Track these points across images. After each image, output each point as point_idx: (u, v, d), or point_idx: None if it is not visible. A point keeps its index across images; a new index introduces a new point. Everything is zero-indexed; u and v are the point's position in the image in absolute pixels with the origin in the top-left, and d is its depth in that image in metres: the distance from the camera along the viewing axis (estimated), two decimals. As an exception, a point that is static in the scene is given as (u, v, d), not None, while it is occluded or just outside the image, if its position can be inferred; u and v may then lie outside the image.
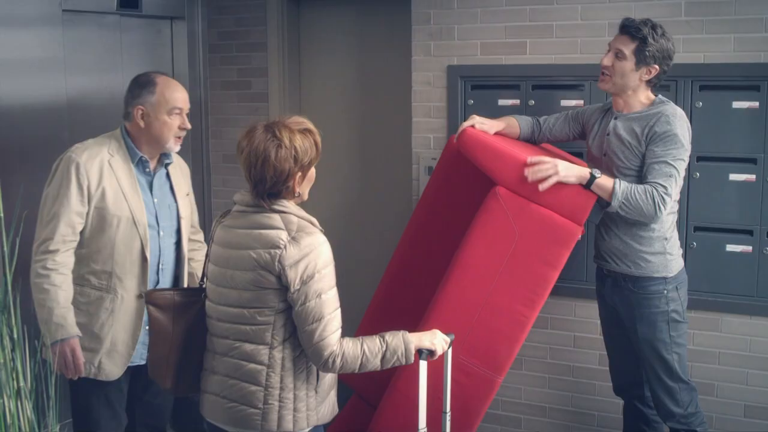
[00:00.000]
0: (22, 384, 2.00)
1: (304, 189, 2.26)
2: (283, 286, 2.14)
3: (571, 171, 2.72)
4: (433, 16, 3.72)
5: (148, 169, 2.75)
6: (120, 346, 2.69)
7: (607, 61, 2.84)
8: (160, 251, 2.76)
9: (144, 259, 2.69)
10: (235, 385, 2.23)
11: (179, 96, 2.70)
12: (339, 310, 2.19)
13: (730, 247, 3.29)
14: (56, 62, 3.56)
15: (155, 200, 2.76)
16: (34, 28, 3.50)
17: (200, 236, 3.07)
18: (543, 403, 3.72)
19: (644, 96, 2.87)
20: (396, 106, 4.13)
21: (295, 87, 4.45)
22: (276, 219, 2.17)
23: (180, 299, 2.39)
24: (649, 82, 2.85)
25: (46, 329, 2.54)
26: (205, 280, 2.36)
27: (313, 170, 2.26)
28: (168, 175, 2.83)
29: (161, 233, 2.76)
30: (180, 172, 2.92)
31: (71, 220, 2.59)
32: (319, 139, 2.23)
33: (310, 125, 2.23)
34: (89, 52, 3.85)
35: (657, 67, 2.80)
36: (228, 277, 2.21)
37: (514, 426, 3.77)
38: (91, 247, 2.65)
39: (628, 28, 2.80)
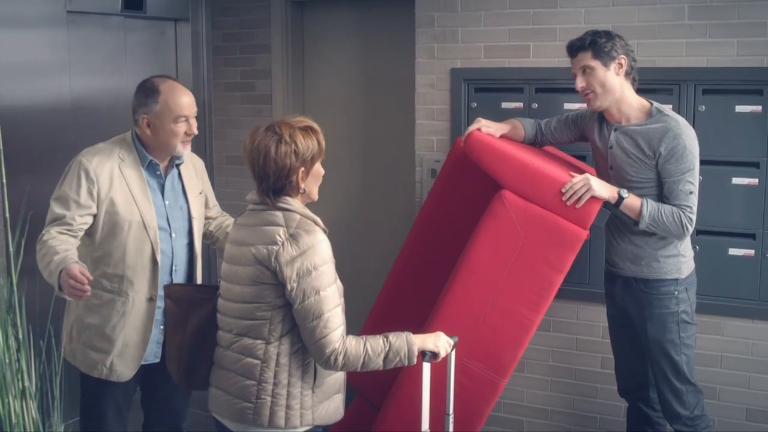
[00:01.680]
0: (27, 384, 2.01)
1: (310, 186, 2.27)
2: (279, 283, 2.16)
3: (603, 187, 2.75)
4: (436, 18, 3.73)
5: (158, 172, 2.75)
6: (131, 347, 2.71)
7: (580, 82, 2.84)
8: (173, 253, 2.76)
9: (155, 262, 2.70)
10: (232, 378, 2.26)
11: (184, 103, 2.66)
12: (339, 307, 2.20)
13: (732, 251, 3.29)
14: (61, 63, 3.57)
15: (166, 202, 2.76)
16: (38, 29, 3.51)
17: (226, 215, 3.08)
18: (545, 405, 3.72)
19: (636, 102, 2.85)
20: (399, 108, 4.14)
21: (299, 89, 4.46)
22: (278, 216, 2.20)
23: (195, 294, 2.44)
24: (627, 75, 2.83)
25: (52, 277, 2.44)
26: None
27: (318, 167, 2.28)
28: (180, 176, 2.83)
29: (173, 235, 2.77)
30: (193, 170, 2.91)
31: (76, 221, 2.59)
32: (321, 138, 2.26)
33: (313, 124, 2.26)
34: (93, 54, 3.86)
35: (623, 56, 2.80)
36: (233, 273, 2.25)
37: (515, 428, 3.78)
38: (104, 250, 2.66)
39: (574, 46, 2.84)
